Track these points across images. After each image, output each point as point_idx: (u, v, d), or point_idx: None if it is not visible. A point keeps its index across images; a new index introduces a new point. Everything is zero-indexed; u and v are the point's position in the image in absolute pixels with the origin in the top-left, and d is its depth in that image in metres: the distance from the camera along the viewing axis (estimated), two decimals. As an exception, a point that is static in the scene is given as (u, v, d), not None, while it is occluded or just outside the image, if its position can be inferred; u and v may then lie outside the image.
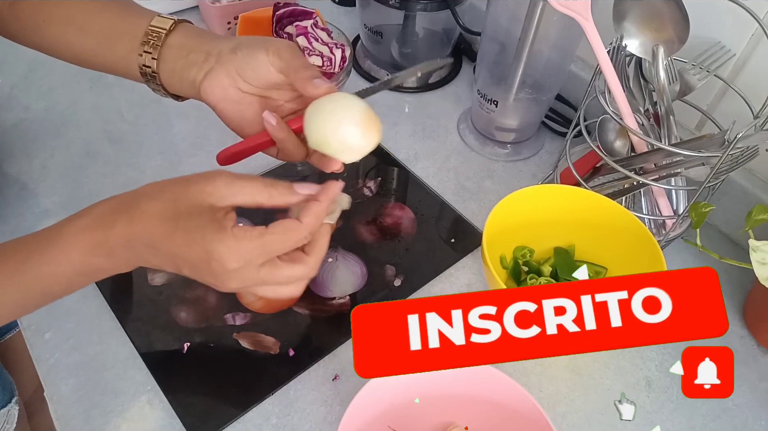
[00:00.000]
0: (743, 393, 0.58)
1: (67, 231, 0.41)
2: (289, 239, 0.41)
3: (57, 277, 0.42)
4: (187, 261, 0.40)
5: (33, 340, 0.59)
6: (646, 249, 0.56)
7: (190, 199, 0.40)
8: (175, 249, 0.40)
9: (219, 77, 0.46)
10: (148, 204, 0.40)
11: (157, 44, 0.48)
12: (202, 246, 0.39)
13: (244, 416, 0.54)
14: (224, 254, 0.39)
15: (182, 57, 0.48)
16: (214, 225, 0.39)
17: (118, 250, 0.41)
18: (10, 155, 0.75)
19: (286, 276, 0.42)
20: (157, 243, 0.40)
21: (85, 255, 0.41)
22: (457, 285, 0.65)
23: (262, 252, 0.40)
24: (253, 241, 0.39)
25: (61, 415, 0.54)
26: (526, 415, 0.47)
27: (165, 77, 0.49)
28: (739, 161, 0.57)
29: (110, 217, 0.41)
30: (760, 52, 0.62)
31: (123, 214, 0.40)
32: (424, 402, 0.50)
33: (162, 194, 0.41)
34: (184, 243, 0.39)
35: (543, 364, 0.59)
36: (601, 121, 0.63)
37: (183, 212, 0.40)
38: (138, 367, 0.57)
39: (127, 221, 0.40)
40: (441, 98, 0.88)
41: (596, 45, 0.57)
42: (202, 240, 0.39)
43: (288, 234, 0.41)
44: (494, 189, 0.75)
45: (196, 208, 0.40)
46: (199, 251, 0.39)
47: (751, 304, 0.63)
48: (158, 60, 0.48)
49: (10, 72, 0.87)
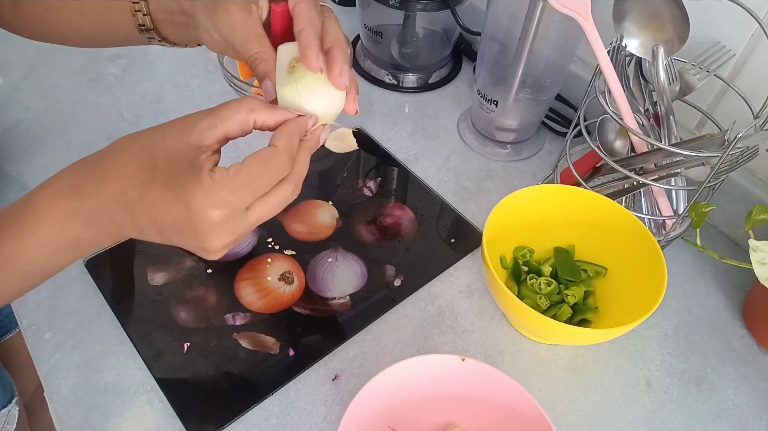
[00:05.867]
0: (743, 393, 0.58)
1: (38, 199, 0.38)
2: (271, 169, 0.37)
3: (35, 251, 0.38)
4: (169, 223, 0.36)
5: (33, 340, 0.59)
6: (646, 249, 0.56)
7: (167, 146, 0.36)
8: (153, 209, 0.36)
9: (207, 36, 0.44)
10: (119, 158, 0.37)
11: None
12: (182, 199, 0.35)
13: (244, 416, 0.54)
14: (204, 203, 0.35)
15: (172, 10, 0.47)
16: (192, 173, 0.35)
17: (94, 217, 0.37)
18: (10, 155, 0.75)
19: (275, 207, 0.38)
20: (132, 203, 0.36)
21: (60, 226, 0.38)
22: (457, 285, 0.65)
23: (247, 193, 0.36)
24: (233, 180, 0.35)
25: (61, 415, 0.54)
26: (525, 415, 0.47)
27: (165, 31, 0.49)
28: (739, 161, 0.57)
29: (82, 180, 0.37)
30: (760, 52, 0.62)
31: (93, 172, 0.37)
32: (424, 402, 0.50)
33: (134, 145, 0.37)
34: (160, 199, 0.35)
35: (543, 364, 0.59)
36: (601, 121, 0.63)
37: (160, 162, 0.36)
38: (138, 367, 0.57)
39: (97, 180, 0.37)
40: (441, 98, 0.88)
41: (596, 45, 0.57)
42: (181, 192, 0.35)
43: (267, 165, 0.37)
44: (494, 189, 0.75)
45: (176, 154, 0.36)
46: (179, 207, 0.35)
47: (751, 304, 0.63)
48: (150, 15, 0.48)
49: (10, 72, 0.87)
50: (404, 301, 0.63)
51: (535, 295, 0.61)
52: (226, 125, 0.37)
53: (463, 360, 0.48)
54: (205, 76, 0.87)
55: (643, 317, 0.51)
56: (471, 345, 0.60)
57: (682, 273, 0.68)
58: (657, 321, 0.63)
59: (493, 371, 0.48)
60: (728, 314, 0.64)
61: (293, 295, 0.62)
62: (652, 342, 0.61)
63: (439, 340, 0.60)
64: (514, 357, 0.59)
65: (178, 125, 0.37)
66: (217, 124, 0.36)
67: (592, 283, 0.62)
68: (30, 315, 0.60)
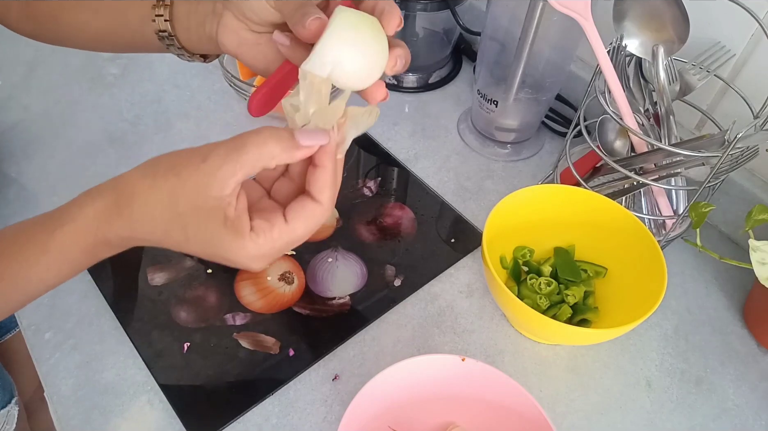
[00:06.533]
0: (743, 393, 0.58)
1: (61, 238, 0.38)
2: (314, 224, 0.38)
3: (57, 274, 0.40)
4: (202, 255, 0.38)
5: (33, 340, 0.59)
6: (646, 249, 0.56)
7: (190, 197, 0.36)
8: (187, 249, 0.37)
9: (231, 23, 0.43)
10: (143, 206, 0.37)
11: (166, 3, 0.45)
12: (220, 253, 0.37)
13: (244, 416, 0.54)
14: (246, 260, 0.37)
15: (193, 11, 0.45)
16: (229, 232, 0.36)
17: (119, 244, 0.39)
18: (10, 155, 0.75)
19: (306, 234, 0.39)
20: (163, 242, 0.38)
21: (84, 253, 0.39)
22: (457, 285, 0.65)
23: (286, 244, 0.38)
24: (276, 242, 0.37)
25: (61, 415, 0.54)
26: (525, 415, 0.47)
27: (183, 38, 0.47)
28: (739, 161, 0.57)
29: (105, 219, 0.38)
30: (760, 52, 0.62)
31: (118, 216, 0.37)
32: (424, 402, 0.50)
33: (156, 191, 0.37)
34: (198, 249, 0.37)
35: (543, 364, 0.59)
36: (601, 121, 0.63)
37: (189, 221, 0.36)
38: (138, 367, 0.57)
39: (124, 225, 0.37)
40: (441, 98, 0.88)
41: (596, 45, 0.57)
42: (219, 248, 0.36)
43: (311, 220, 0.38)
44: (494, 189, 0.75)
45: (201, 210, 0.36)
46: (216, 254, 0.37)
47: (751, 304, 0.63)
48: (172, 20, 0.46)
49: (10, 72, 0.87)
50: (404, 301, 0.63)
51: (535, 295, 0.61)
52: (246, 171, 0.36)
53: (463, 360, 0.48)
54: (205, 76, 0.87)
55: (643, 317, 0.51)
56: (471, 345, 0.60)
57: (682, 273, 0.68)
58: (657, 321, 0.63)
59: (493, 371, 0.48)
60: (728, 314, 0.64)
61: (293, 295, 0.62)
62: (652, 342, 0.61)
63: (439, 340, 0.60)
64: (514, 357, 0.59)
65: (194, 176, 0.35)
66: (237, 173, 0.35)
67: (592, 283, 0.62)
68: (30, 315, 0.60)
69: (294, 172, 0.40)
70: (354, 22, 0.38)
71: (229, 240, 0.36)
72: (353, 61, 0.37)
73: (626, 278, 0.60)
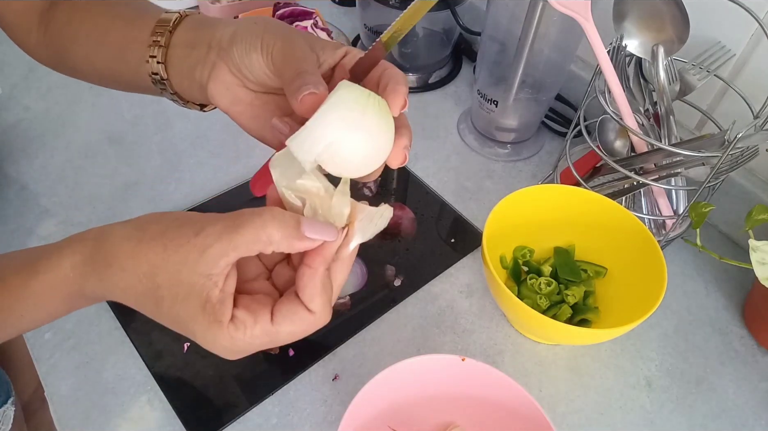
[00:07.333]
0: (743, 393, 0.58)
1: (38, 287, 0.36)
2: (301, 332, 0.34)
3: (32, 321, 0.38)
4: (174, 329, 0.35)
5: (33, 340, 0.59)
6: (646, 249, 0.56)
7: (171, 272, 0.33)
8: (159, 320, 0.35)
9: (223, 75, 0.39)
10: (119, 272, 0.34)
11: (161, 44, 0.41)
12: (190, 335, 0.34)
13: (244, 416, 0.54)
14: (216, 349, 0.34)
15: (186, 55, 0.40)
16: (206, 318, 0.32)
17: (94, 299, 0.37)
18: (10, 155, 0.75)
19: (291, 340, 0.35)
20: (136, 308, 0.35)
21: (61, 303, 0.37)
22: (457, 285, 0.65)
23: (265, 344, 0.34)
24: (255, 340, 0.33)
25: (61, 415, 0.54)
26: (525, 415, 0.47)
27: (176, 82, 0.42)
28: (739, 161, 0.57)
29: (80, 274, 0.35)
30: (760, 52, 0.62)
31: (93, 274, 0.35)
32: (424, 402, 0.50)
33: (136, 259, 0.34)
34: (169, 324, 0.34)
35: (543, 364, 0.59)
36: (601, 121, 0.63)
37: (165, 286, 0.33)
38: (138, 367, 0.57)
39: (97, 285, 0.35)
40: (441, 98, 0.88)
41: (596, 45, 0.57)
42: (189, 331, 0.34)
43: (300, 328, 0.34)
44: (494, 189, 0.75)
45: (182, 284, 0.33)
46: (187, 333, 0.34)
47: (751, 304, 0.63)
48: (165, 64, 0.41)
49: (10, 72, 0.87)
50: (404, 301, 0.63)
51: (535, 295, 0.61)
52: (240, 254, 0.32)
53: (463, 360, 0.48)
54: (205, 76, 0.87)
55: (643, 317, 0.51)
56: (471, 345, 0.60)
57: (682, 274, 0.68)
58: (657, 321, 0.63)
59: (493, 371, 0.48)
60: (728, 314, 0.64)
61: (293, 295, 0.62)
62: (652, 342, 0.61)
63: (439, 340, 0.60)
64: (514, 357, 0.59)
65: (182, 250, 0.32)
66: (229, 253, 0.32)
67: (592, 283, 0.62)
68: (30, 315, 0.60)
69: (297, 261, 0.36)
70: (358, 100, 0.33)
71: (204, 327, 0.33)
72: (349, 146, 0.33)
73: (626, 278, 0.60)
